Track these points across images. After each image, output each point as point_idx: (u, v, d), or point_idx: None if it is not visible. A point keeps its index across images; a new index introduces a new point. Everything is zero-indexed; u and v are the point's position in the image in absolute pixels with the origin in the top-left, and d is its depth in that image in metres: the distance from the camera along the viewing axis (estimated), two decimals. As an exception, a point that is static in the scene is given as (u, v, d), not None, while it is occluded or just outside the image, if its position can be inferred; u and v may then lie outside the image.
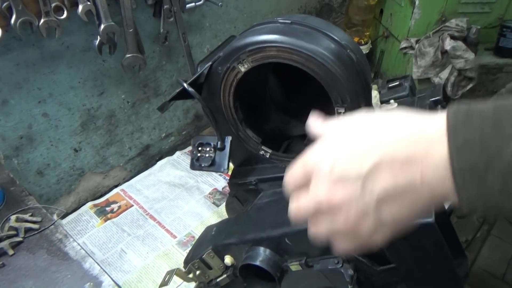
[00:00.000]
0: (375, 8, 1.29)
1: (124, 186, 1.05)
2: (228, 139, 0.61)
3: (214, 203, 0.99)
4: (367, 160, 0.27)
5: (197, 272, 0.61)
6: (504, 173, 0.22)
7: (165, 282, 0.60)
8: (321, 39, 0.52)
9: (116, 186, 1.06)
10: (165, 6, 0.93)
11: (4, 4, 0.73)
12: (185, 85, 0.57)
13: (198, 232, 0.92)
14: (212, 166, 0.61)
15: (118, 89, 0.99)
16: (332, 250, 0.33)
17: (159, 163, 1.11)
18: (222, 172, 0.62)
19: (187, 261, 0.62)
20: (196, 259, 0.60)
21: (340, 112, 0.53)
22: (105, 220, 0.96)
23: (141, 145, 1.10)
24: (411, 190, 0.27)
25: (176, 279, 0.77)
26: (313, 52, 0.50)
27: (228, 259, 0.59)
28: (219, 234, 0.58)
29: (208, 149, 0.62)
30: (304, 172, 0.30)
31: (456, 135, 0.24)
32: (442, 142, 0.24)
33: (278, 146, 0.67)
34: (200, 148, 0.62)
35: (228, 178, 0.92)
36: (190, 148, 1.16)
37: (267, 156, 0.64)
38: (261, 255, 0.51)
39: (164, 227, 0.94)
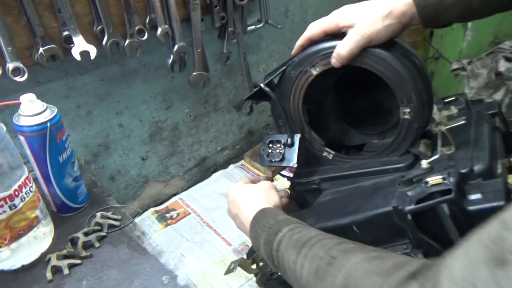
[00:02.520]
0: (425, 29, 1.34)
1: (182, 195, 1.13)
2: (297, 136, 0.64)
3: None
4: (236, 199, 0.60)
5: (260, 264, 0.65)
6: (257, 246, 0.54)
7: (230, 270, 0.64)
8: (389, 45, 0.57)
9: (175, 194, 1.14)
10: (230, 29, 1.05)
11: (99, 28, 0.87)
12: (262, 85, 0.64)
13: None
14: (282, 161, 0.64)
15: (182, 104, 1.08)
16: (400, 237, 0.50)
17: (214, 175, 1.19)
18: (291, 167, 0.64)
19: (250, 253, 0.66)
20: (255, 254, 0.64)
21: (406, 112, 0.57)
22: (165, 226, 1.02)
23: (199, 157, 1.18)
24: (242, 218, 0.60)
25: (239, 278, 0.84)
26: (383, 55, 0.56)
27: None
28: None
29: (278, 145, 0.65)
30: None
31: (252, 227, 0.58)
32: (250, 220, 0.59)
33: (337, 152, 0.69)
34: (270, 145, 0.66)
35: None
36: (242, 161, 1.23)
37: (330, 158, 0.66)
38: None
39: (220, 235, 0.99)
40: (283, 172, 0.71)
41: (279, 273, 0.51)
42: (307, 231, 0.47)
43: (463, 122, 0.56)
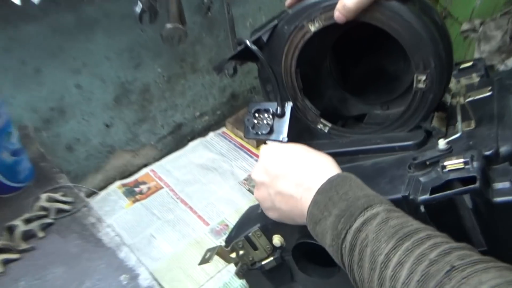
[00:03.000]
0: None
1: (154, 166, 1.07)
2: (289, 105, 0.60)
3: (249, 190, 0.99)
4: (284, 167, 0.49)
5: (241, 252, 0.61)
6: (321, 231, 0.43)
7: (205, 260, 0.59)
8: (404, -4, 0.50)
9: (145, 165, 1.08)
10: (211, -27, 0.93)
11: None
12: (248, 42, 0.57)
13: (232, 220, 0.92)
14: (271, 133, 0.60)
15: (154, 62, 0.99)
16: None
17: (191, 144, 1.13)
18: (281, 141, 0.60)
19: (229, 240, 0.62)
20: (240, 238, 0.60)
21: (421, 80, 0.52)
22: (134, 202, 0.97)
23: (173, 123, 1.11)
24: (293, 200, 0.47)
25: (216, 262, 0.80)
26: (399, 9, 0.49)
27: (277, 239, 0.59)
28: None
29: (266, 115, 0.61)
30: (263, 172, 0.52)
31: (316, 199, 0.45)
32: (313, 192, 0.45)
33: (333, 123, 0.65)
34: (257, 115, 0.62)
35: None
36: (224, 129, 1.18)
37: (326, 131, 0.63)
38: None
39: (196, 213, 0.95)
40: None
41: (340, 264, 0.43)
42: (408, 218, 0.40)
43: (488, 94, 0.52)
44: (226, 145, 1.13)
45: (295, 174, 0.48)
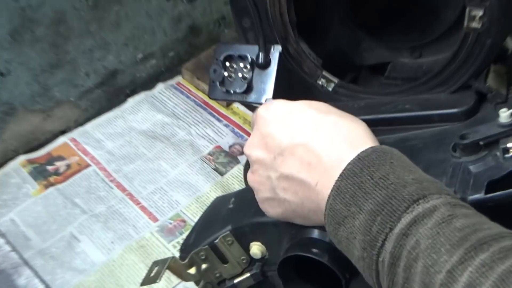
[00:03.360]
0: None
1: (75, 133, 1.03)
2: (276, 50, 0.60)
3: (216, 169, 0.97)
4: (292, 138, 0.46)
5: (203, 266, 0.61)
6: (346, 236, 0.41)
7: (151, 278, 0.59)
8: None
9: (62, 132, 1.05)
10: None
11: None
12: None
13: (191, 213, 0.90)
14: (248, 92, 0.60)
15: None
16: None
17: (131, 100, 1.09)
18: (262, 104, 0.59)
19: (187, 248, 0.63)
20: (203, 245, 0.60)
21: (475, 17, 0.51)
22: (47, 187, 0.94)
23: (104, 71, 1.07)
24: (305, 188, 0.45)
25: (168, 279, 0.79)
26: None
27: (256, 248, 0.59)
28: (243, 208, 0.59)
29: (241, 65, 0.61)
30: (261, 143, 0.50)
31: (339, 187, 0.42)
32: (335, 176, 0.42)
33: (339, 78, 0.66)
34: (228, 64, 0.62)
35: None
36: (179, 79, 1.14)
37: (330, 89, 0.63)
38: (321, 243, 0.51)
39: (139, 203, 0.92)
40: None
41: (374, 286, 0.41)
42: (482, 218, 0.37)
43: None
44: (182, 103, 1.09)
45: (309, 148, 0.45)
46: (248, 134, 1.00)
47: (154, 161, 0.98)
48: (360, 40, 0.72)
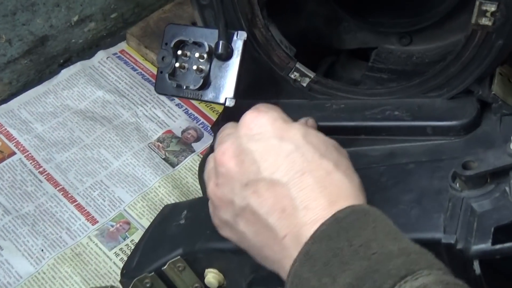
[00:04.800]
0: None
1: None
2: (240, 37, 0.57)
3: (166, 159, 0.93)
4: (273, 172, 0.44)
5: None
6: None
7: None
8: None
9: None
10: None
11: None
12: None
13: (137, 214, 0.86)
14: (204, 88, 0.59)
15: None
16: None
17: (66, 71, 1.03)
18: (222, 104, 0.59)
19: (128, 273, 0.63)
20: (149, 271, 0.59)
21: (487, 12, 0.49)
22: None
23: (31, 37, 1.01)
24: (270, 235, 0.44)
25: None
26: None
27: (212, 277, 0.58)
28: (197, 226, 0.59)
29: (196, 53, 0.59)
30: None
31: (309, 251, 0.40)
32: (306, 236, 0.41)
33: (313, 65, 0.65)
34: (180, 52, 0.59)
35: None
36: (123, 46, 1.08)
37: (304, 84, 0.61)
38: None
39: (74, 201, 0.87)
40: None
41: None
42: None
43: None
44: (127, 76, 1.03)
45: (288, 192, 0.43)
46: (205, 117, 0.96)
47: (93, 148, 0.93)
48: (340, 20, 0.70)
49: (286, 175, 0.43)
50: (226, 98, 0.58)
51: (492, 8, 0.49)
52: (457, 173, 0.45)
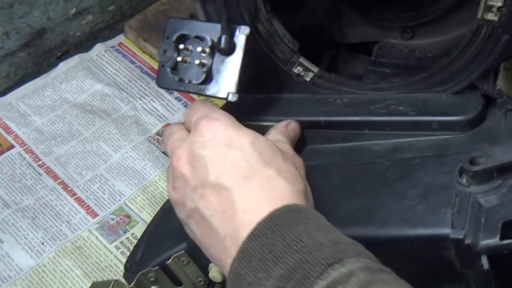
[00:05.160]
0: None
1: None
2: (243, 31, 0.57)
3: (166, 153, 0.92)
4: (219, 177, 0.47)
5: None
6: None
7: None
8: None
9: None
10: None
11: None
12: None
13: (137, 207, 0.86)
14: (206, 82, 0.58)
15: None
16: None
17: (64, 64, 1.03)
18: (224, 99, 0.59)
19: (132, 267, 0.63)
20: (153, 265, 0.60)
21: (493, 7, 0.48)
22: None
23: (28, 29, 1.01)
24: (214, 235, 0.46)
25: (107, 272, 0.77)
26: None
27: (216, 271, 0.58)
28: None
29: (198, 48, 0.58)
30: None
31: (246, 249, 0.42)
32: (243, 236, 0.43)
33: (314, 59, 0.64)
34: (182, 46, 0.58)
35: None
36: (121, 38, 1.08)
37: (307, 79, 0.61)
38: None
39: (74, 194, 0.87)
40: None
41: None
42: (400, 284, 0.39)
43: None
44: (125, 70, 1.03)
45: (230, 195, 0.46)
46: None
47: (93, 141, 0.93)
48: (341, 14, 0.69)
49: (230, 180, 0.46)
50: (228, 93, 0.58)
51: (498, 3, 0.48)
52: (464, 169, 0.45)
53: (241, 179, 0.46)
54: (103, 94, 0.98)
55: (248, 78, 0.61)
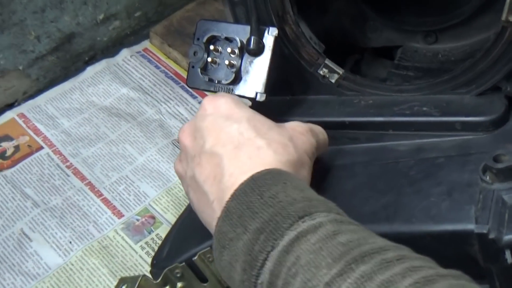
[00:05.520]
0: None
1: (24, 107, 0.99)
2: (272, 32, 0.58)
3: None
4: (213, 145, 0.50)
5: (179, 285, 0.61)
6: (229, 260, 0.44)
7: None
8: None
9: (9, 106, 1.00)
10: None
11: None
12: None
13: (161, 208, 0.87)
14: (236, 84, 0.59)
15: None
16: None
17: (91, 69, 1.05)
18: (252, 99, 0.60)
19: (159, 263, 0.63)
20: (179, 261, 0.60)
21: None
22: None
23: (58, 34, 1.03)
24: (205, 200, 0.49)
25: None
26: None
27: None
28: None
29: (227, 49, 0.59)
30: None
31: (228, 208, 0.45)
32: (227, 197, 0.46)
33: (338, 63, 0.65)
34: (212, 47, 0.60)
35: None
36: (146, 44, 1.10)
37: (332, 80, 0.62)
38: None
39: (101, 195, 0.88)
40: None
41: None
42: (370, 234, 0.41)
43: None
44: (150, 74, 1.04)
45: (220, 162, 0.49)
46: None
47: (119, 144, 0.94)
48: (366, 19, 0.70)
49: (222, 148, 0.49)
50: (257, 93, 0.59)
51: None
52: (488, 166, 0.45)
53: (232, 148, 0.49)
54: (128, 98, 1.00)
55: (275, 80, 0.61)
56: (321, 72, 0.61)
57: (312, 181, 0.58)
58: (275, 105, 0.63)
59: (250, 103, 0.63)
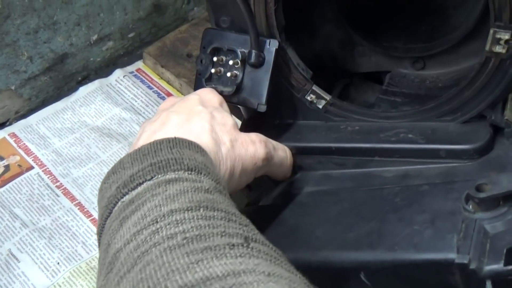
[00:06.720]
0: None
1: (16, 127, 0.99)
2: (272, 45, 0.59)
3: None
4: (177, 111, 0.58)
5: None
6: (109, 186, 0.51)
7: None
8: None
9: (1, 125, 1.00)
10: None
11: None
12: None
13: None
14: (238, 94, 0.61)
15: None
16: None
17: (84, 89, 1.05)
18: (253, 109, 0.61)
19: None
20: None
21: (501, 40, 0.49)
22: None
23: (51, 54, 1.03)
24: (137, 140, 0.59)
25: None
26: None
27: None
28: None
29: (230, 61, 0.61)
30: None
31: (140, 148, 0.52)
32: None
33: (327, 87, 0.66)
34: (216, 59, 0.61)
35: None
36: (139, 65, 1.10)
37: (319, 106, 0.62)
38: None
39: (90, 215, 0.88)
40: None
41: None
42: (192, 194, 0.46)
43: None
44: (142, 95, 1.05)
45: (168, 120, 0.57)
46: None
47: (109, 164, 0.93)
48: (354, 44, 0.70)
49: (177, 115, 0.57)
50: (258, 104, 0.60)
51: (506, 36, 0.49)
52: (471, 195, 0.45)
53: (184, 120, 0.56)
54: (120, 118, 1.00)
55: (272, 97, 0.63)
56: (308, 98, 0.62)
57: (297, 205, 0.59)
58: (263, 129, 0.63)
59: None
